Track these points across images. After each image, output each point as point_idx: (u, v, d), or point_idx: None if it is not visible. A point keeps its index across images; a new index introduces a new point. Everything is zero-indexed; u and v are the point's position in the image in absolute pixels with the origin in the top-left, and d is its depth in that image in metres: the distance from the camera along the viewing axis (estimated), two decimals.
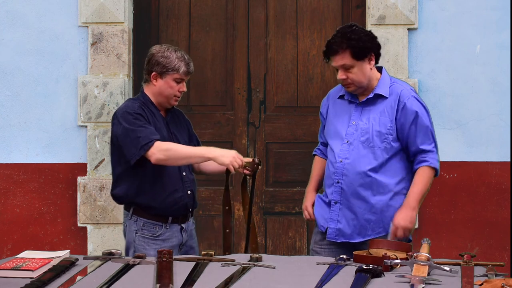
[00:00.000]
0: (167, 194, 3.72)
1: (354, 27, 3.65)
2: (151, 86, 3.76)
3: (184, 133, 3.89)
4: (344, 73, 3.60)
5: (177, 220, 3.78)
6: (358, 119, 3.66)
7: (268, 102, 5.32)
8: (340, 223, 3.67)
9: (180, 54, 3.73)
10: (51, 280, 2.79)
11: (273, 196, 5.30)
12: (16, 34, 5.13)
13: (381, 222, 3.63)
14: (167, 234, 3.75)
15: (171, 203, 3.73)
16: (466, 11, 5.08)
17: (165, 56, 3.71)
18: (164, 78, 3.72)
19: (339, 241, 3.68)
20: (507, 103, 5.06)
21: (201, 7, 5.36)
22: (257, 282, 2.81)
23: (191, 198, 3.81)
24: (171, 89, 3.73)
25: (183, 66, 3.71)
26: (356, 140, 3.63)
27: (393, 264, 2.94)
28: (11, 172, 5.14)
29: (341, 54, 3.59)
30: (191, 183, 3.84)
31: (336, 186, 3.65)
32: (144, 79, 3.81)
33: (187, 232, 3.83)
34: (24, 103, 5.13)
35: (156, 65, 3.72)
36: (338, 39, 3.60)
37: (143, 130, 3.62)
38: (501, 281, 2.69)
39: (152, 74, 3.73)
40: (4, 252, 5.08)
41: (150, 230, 3.73)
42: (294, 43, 5.31)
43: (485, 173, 5.08)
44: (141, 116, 3.67)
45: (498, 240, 5.07)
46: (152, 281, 2.78)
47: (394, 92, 3.65)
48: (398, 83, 3.72)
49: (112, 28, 5.12)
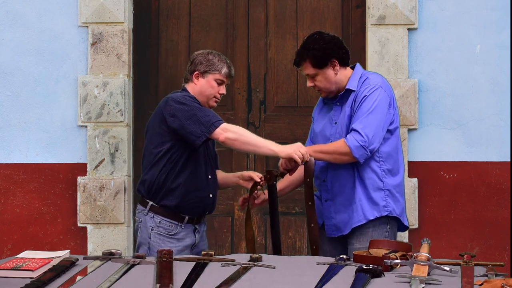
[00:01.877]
0: (190, 192, 3.77)
1: (316, 35, 3.77)
2: (192, 85, 3.86)
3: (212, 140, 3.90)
4: (311, 81, 3.78)
5: (192, 221, 3.83)
6: (338, 119, 3.77)
7: (268, 102, 5.32)
8: (334, 219, 3.78)
9: (223, 58, 3.89)
10: (51, 280, 2.79)
11: None
12: (16, 34, 5.13)
13: (360, 210, 3.71)
14: (182, 234, 3.80)
15: (192, 202, 3.78)
16: (466, 11, 5.08)
17: (208, 58, 3.84)
18: (206, 77, 3.83)
19: (337, 236, 3.78)
20: (507, 103, 5.06)
21: (201, 7, 5.36)
22: (257, 282, 2.81)
23: (211, 201, 3.86)
24: (212, 88, 3.83)
25: (225, 67, 3.84)
26: (337, 138, 3.73)
27: (393, 264, 2.94)
28: (11, 172, 5.14)
29: (303, 65, 3.76)
30: (215, 187, 3.90)
31: (323, 185, 3.80)
32: (184, 80, 3.91)
33: (200, 233, 3.89)
34: (24, 103, 5.13)
35: (199, 64, 3.83)
36: (300, 50, 3.77)
37: (210, 111, 3.72)
38: (501, 281, 2.69)
39: (195, 73, 3.84)
40: (4, 252, 5.08)
41: (166, 228, 3.79)
42: (294, 43, 5.31)
43: (485, 173, 5.08)
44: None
45: (498, 240, 5.07)
46: (152, 281, 2.78)
47: (363, 85, 3.71)
48: (370, 77, 3.76)
49: (112, 28, 5.12)
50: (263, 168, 5.30)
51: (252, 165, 5.30)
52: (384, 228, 3.73)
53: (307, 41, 3.77)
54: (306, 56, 3.72)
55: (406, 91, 5.02)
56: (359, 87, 3.71)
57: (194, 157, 3.78)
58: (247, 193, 4.01)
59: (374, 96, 3.64)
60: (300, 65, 3.78)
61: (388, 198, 3.73)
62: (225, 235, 5.31)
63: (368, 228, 3.70)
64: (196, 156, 3.79)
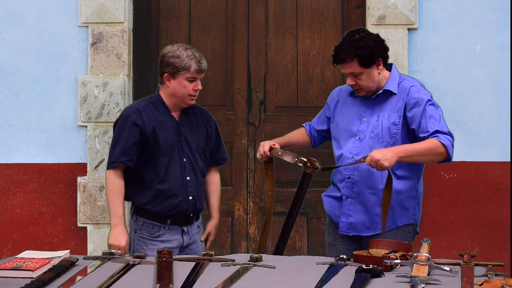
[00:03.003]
0: (165, 198, 3.71)
1: (362, 33, 3.64)
2: (165, 88, 3.77)
3: (199, 136, 3.84)
4: (353, 79, 3.64)
5: (177, 222, 3.75)
6: (369, 116, 3.70)
7: (268, 102, 5.32)
8: (352, 217, 3.72)
9: (190, 53, 3.72)
10: (51, 280, 2.80)
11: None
12: (16, 34, 5.13)
13: (391, 216, 3.64)
14: (167, 235, 3.73)
15: (169, 207, 3.71)
16: (466, 11, 5.08)
17: (175, 56, 3.70)
18: (177, 78, 3.71)
19: (351, 235, 3.73)
20: (507, 103, 5.06)
21: (201, 7, 5.36)
22: (257, 282, 2.81)
23: (191, 203, 3.76)
24: (185, 88, 3.72)
25: (194, 64, 3.70)
26: (367, 136, 3.67)
27: (393, 264, 2.94)
28: (11, 172, 5.14)
29: (349, 63, 3.60)
30: (194, 188, 3.78)
31: (347, 181, 3.70)
32: (159, 81, 3.81)
33: (189, 236, 3.80)
34: (24, 103, 5.13)
35: (167, 66, 3.71)
36: (346, 47, 3.59)
37: (121, 147, 3.68)
38: (501, 281, 2.69)
39: (164, 75, 3.73)
40: (4, 252, 5.08)
41: (148, 230, 3.73)
42: (294, 43, 5.31)
43: (485, 173, 5.08)
44: (132, 122, 3.69)
45: (498, 240, 5.07)
46: (152, 281, 2.78)
47: (403, 88, 3.69)
48: (407, 79, 3.75)
49: (112, 28, 5.12)
50: (263, 168, 5.30)
51: (252, 165, 5.31)
52: (405, 234, 3.70)
53: (352, 38, 3.60)
54: (354, 54, 3.57)
55: None
56: (403, 92, 3.66)
57: (158, 163, 3.71)
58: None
59: (432, 102, 3.65)
60: (345, 63, 3.61)
61: (416, 206, 3.75)
62: (225, 235, 5.31)
63: (391, 233, 3.66)
64: (164, 162, 3.71)
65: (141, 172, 3.71)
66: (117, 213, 3.68)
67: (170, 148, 3.72)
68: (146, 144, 3.70)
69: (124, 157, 3.67)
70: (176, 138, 3.74)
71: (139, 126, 3.68)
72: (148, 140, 3.70)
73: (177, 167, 3.72)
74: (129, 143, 3.67)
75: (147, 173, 3.70)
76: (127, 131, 3.68)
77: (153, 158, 3.71)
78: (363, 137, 3.68)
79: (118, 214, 3.68)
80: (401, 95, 3.67)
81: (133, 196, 3.75)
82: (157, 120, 3.73)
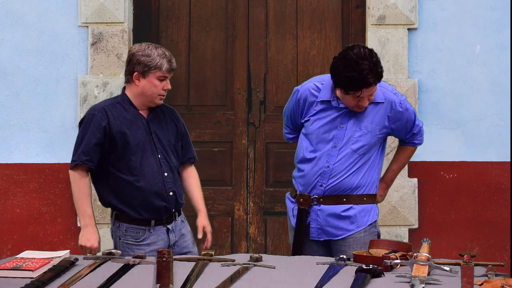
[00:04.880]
0: (144, 198, 3.62)
1: (371, 52, 3.57)
2: (133, 87, 3.66)
3: (170, 132, 3.76)
4: (368, 99, 3.63)
5: (161, 222, 3.67)
6: (346, 123, 3.68)
7: (268, 102, 5.32)
8: (321, 222, 3.72)
9: (161, 51, 3.63)
10: (51, 280, 2.80)
11: (273, 196, 5.30)
12: (16, 34, 5.13)
13: (361, 219, 3.71)
14: (152, 238, 3.65)
15: (150, 207, 3.63)
16: (466, 11, 5.08)
17: (146, 55, 3.60)
18: (147, 77, 3.61)
19: (322, 240, 3.73)
20: (507, 103, 5.06)
21: (201, 7, 5.36)
22: (257, 282, 2.81)
23: (173, 199, 3.68)
24: (155, 87, 3.62)
25: (165, 63, 3.61)
26: (346, 146, 3.67)
27: (393, 264, 2.95)
28: (11, 172, 5.14)
29: (374, 85, 3.58)
30: (173, 184, 3.70)
31: (319, 188, 3.70)
32: (125, 80, 3.70)
33: (175, 233, 3.72)
34: (24, 103, 5.13)
35: (137, 64, 3.61)
36: (374, 70, 3.52)
37: (86, 145, 3.59)
38: (501, 281, 2.69)
39: (134, 74, 3.62)
40: (4, 252, 5.08)
41: (133, 236, 3.64)
42: (294, 43, 5.31)
43: (485, 173, 5.08)
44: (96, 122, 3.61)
45: (498, 240, 5.07)
46: (152, 281, 2.78)
47: (386, 99, 3.71)
48: (383, 86, 3.74)
49: (112, 28, 5.12)
50: (263, 168, 5.31)
51: (252, 165, 5.30)
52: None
53: (372, 59, 3.53)
54: (380, 74, 3.56)
55: (406, 91, 5.02)
56: (386, 103, 3.69)
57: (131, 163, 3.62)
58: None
59: (412, 110, 3.79)
60: (371, 86, 3.55)
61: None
62: (225, 235, 5.31)
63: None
64: (137, 161, 3.63)
65: (116, 172, 3.63)
66: (86, 213, 3.61)
67: (142, 147, 3.63)
68: (115, 144, 3.61)
69: (84, 156, 3.58)
70: (147, 136, 3.66)
71: (103, 126, 3.59)
72: (116, 139, 3.60)
73: (152, 164, 3.64)
74: (90, 143, 3.58)
75: (121, 173, 3.62)
76: (90, 130, 3.59)
77: (124, 157, 3.61)
78: (340, 145, 3.68)
79: (87, 214, 3.62)
80: (384, 106, 3.69)
81: (111, 199, 3.67)
82: (125, 119, 3.64)
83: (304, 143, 3.77)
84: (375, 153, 3.73)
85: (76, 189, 3.64)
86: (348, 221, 3.69)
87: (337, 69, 3.55)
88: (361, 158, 3.68)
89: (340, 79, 3.54)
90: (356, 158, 3.67)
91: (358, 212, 3.70)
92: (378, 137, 3.71)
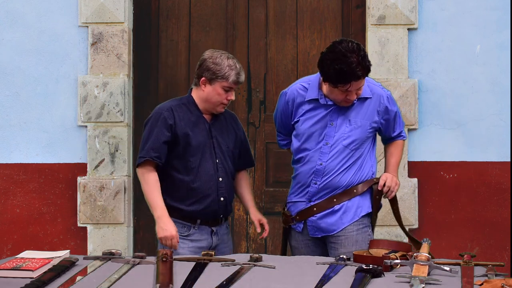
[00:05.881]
0: (197, 199, 3.72)
1: (358, 45, 3.57)
2: (199, 91, 3.77)
3: (230, 139, 3.86)
4: (355, 94, 3.63)
5: (207, 223, 3.77)
6: (336, 120, 3.70)
7: (268, 102, 5.32)
8: (318, 219, 3.73)
9: (232, 62, 3.72)
10: (51, 280, 2.80)
11: (273, 196, 5.30)
12: (16, 34, 5.13)
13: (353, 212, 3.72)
14: (196, 235, 3.74)
15: (200, 208, 3.73)
16: (466, 11, 5.08)
17: (216, 63, 3.70)
18: (213, 84, 3.70)
19: (320, 236, 3.75)
20: (507, 103, 5.06)
21: (201, 7, 5.36)
22: (257, 282, 2.81)
23: (222, 205, 3.79)
24: (219, 96, 3.72)
25: (233, 75, 3.70)
26: (337, 142, 3.69)
27: (393, 264, 2.95)
28: (11, 172, 5.14)
29: (363, 79, 3.58)
30: (227, 189, 3.81)
31: (313, 186, 3.72)
32: (194, 82, 3.81)
33: (218, 236, 3.82)
34: (24, 103, 5.13)
35: (206, 70, 3.71)
36: (362, 63, 3.52)
37: (155, 142, 3.69)
38: (501, 281, 2.70)
39: (202, 79, 3.73)
40: (4, 252, 5.08)
41: (179, 230, 3.71)
42: (294, 43, 5.31)
43: (485, 173, 5.08)
44: (164, 120, 3.71)
45: (498, 240, 5.07)
46: (152, 281, 2.78)
47: (375, 94, 3.73)
48: (371, 82, 3.76)
49: (112, 28, 5.12)
50: (263, 168, 5.31)
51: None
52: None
53: (360, 52, 3.53)
54: (368, 68, 3.57)
55: (406, 91, 5.02)
56: (375, 98, 3.71)
57: (189, 163, 3.73)
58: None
59: (397, 106, 3.85)
60: (360, 79, 3.55)
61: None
62: None
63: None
64: (195, 162, 3.73)
65: (173, 171, 3.73)
66: (158, 205, 3.67)
67: (201, 149, 3.74)
68: (177, 144, 3.72)
69: (153, 153, 3.67)
70: (207, 140, 3.76)
71: (170, 125, 3.70)
72: (179, 139, 3.71)
73: (209, 167, 3.75)
74: (159, 141, 3.69)
75: (178, 172, 3.72)
76: (158, 128, 3.70)
77: (184, 157, 3.72)
78: (331, 142, 3.69)
79: (160, 206, 3.67)
80: (373, 101, 3.71)
81: (163, 195, 3.73)
82: (189, 120, 3.75)
83: (296, 144, 3.79)
84: (366, 148, 3.75)
85: (147, 183, 3.70)
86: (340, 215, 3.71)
87: (325, 62, 3.55)
88: (353, 154, 3.69)
89: (328, 73, 3.54)
90: (348, 154, 3.68)
91: (352, 205, 3.72)
92: (368, 132, 3.72)
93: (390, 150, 3.92)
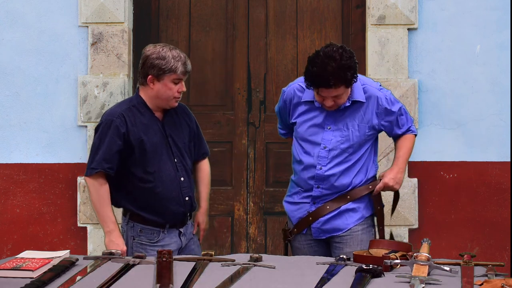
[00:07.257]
0: (162, 204, 3.61)
1: (341, 51, 3.48)
2: (148, 90, 3.60)
3: (184, 134, 3.74)
4: (332, 100, 3.57)
5: (175, 226, 3.67)
6: (333, 124, 3.68)
7: (268, 102, 5.32)
8: (323, 223, 3.73)
9: (176, 53, 3.56)
10: (51, 280, 2.80)
11: (273, 196, 5.30)
12: (16, 34, 5.13)
13: (360, 212, 3.73)
14: (166, 240, 3.64)
15: (167, 212, 3.62)
16: (466, 11, 5.08)
17: (160, 57, 3.53)
18: (162, 80, 3.55)
19: (324, 238, 3.74)
20: (507, 103, 5.06)
21: (201, 7, 5.36)
22: (257, 282, 2.81)
23: (188, 204, 3.69)
24: (170, 90, 3.57)
25: (180, 66, 3.55)
26: (335, 146, 3.67)
27: (393, 264, 2.95)
28: (11, 172, 5.14)
29: (336, 88, 3.50)
30: (189, 188, 3.70)
31: (316, 190, 3.71)
32: (139, 82, 3.64)
33: (186, 236, 3.73)
34: (24, 103, 5.13)
35: (151, 67, 3.54)
36: (336, 71, 3.43)
37: (105, 152, 3.54)
38: (501, 281, 2.69)
39: (149, 77, 3.56)
40: (4, 252, 5.08)
41: (147, 236, 3.63)
42: (294, 43, 5.31)
43: (485, 173, 5.08)
44: (115, 128, 3.55)
45: (498, 240, 5.07)
46: (152, 281, 2.78)
47: (371, 96, 3.69)
48: (368, 84, 3.72)
49: (112, 28, 5.12)
50: (263, 168, 5.31)
51: (252, 165, 5.31)
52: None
53: (342, 61, 3.44)
54: (344, 79, 3.45)
55: (406, 91, 5.02)
56: (372, 100, 3.68)
57: (148, 168, 3.59)
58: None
59: (400, 105, 3.77)
60: (330, 88, 3.46)
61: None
62: (225, 235, 5.31)
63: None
64: (154, 165, 3.60)
65: (133, 179, 3.60)
66: (110, 219, 3.56)
67: (158, 152, 3.61)
68: (132, 150, 3.58)
69: (105, 164, 3.54)
70: (163, 140, 3.63)
71: (123, 133, 3.55)
72: (133, 147, 3.57)
73: (169, 169, 3.63)
74: (111, 150, 3.54)
75: (139, 180, 3.59)
76: (109, 137, 3.54)
77: (142, 164, 3.59)
78: (329, 146, 3.67)
79: (111, 220, 3.57)
80: (371, 103, 3.68)
81: (126, 203, 3.64)
82: (141, 123, 3.60)
83: (296, 145, 3.79)
84: (367, 150, 3.72)
85: (98, 196, 3.58)
86: (345, 216, 3.71)
87: (307, 62, 3.55)
88: (353, 156, 3.68)
89: (305, 72, 3.54)
90: (347, 157, 3.67)
91: (355, 206, 3.72)
92: (367, 135, 3.69)
93: (398, 144, 3.83)
